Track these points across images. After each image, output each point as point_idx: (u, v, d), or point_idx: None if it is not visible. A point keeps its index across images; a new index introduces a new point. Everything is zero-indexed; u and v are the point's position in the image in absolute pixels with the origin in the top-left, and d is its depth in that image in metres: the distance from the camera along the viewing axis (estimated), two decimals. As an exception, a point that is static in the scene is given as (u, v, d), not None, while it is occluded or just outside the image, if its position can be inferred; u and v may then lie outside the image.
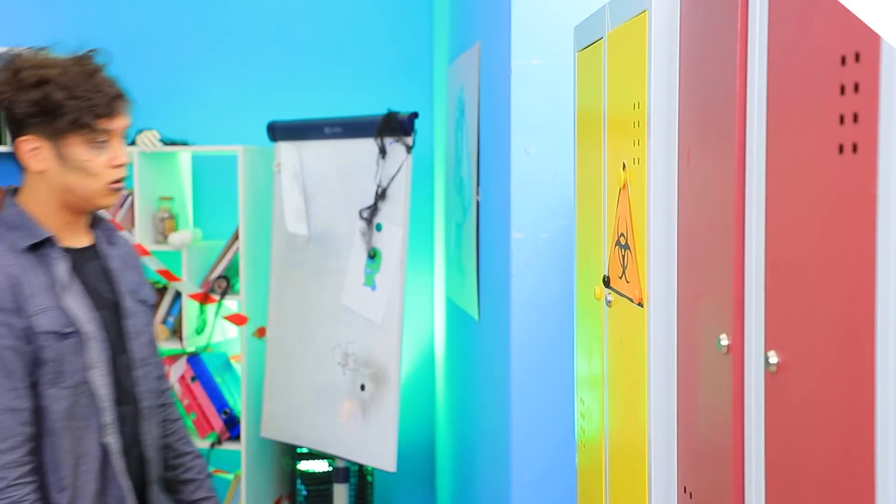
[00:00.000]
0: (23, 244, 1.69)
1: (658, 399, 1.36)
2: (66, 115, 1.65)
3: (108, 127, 1.70)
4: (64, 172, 1.70)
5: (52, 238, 1.72)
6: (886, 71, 0.76)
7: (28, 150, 1.71)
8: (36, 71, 1.68)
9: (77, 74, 1.68)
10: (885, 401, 0.77)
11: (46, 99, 1.66)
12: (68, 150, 1.69)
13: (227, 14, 4.13)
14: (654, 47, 1.35)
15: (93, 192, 1.72)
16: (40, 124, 1.68)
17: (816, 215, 0.88)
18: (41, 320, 1.66)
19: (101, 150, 1.70)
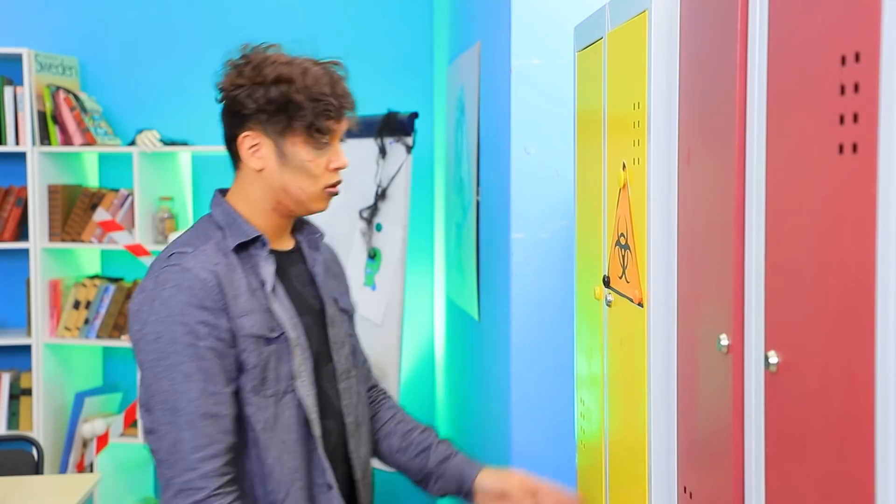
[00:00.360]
0: (232, 243, 1.64)
1: (658, 399, 1.36)
2: (302, 115, 1.62)
3: (333, 129, 1.66)
4: (283, 172, 1.66)
5: (261, 237, 1.67)
6: (886, 71, 0.76)
7: (249, 147, 1.67)
8: (277, 67, 1.64)
9: (317, 76, 1.64)
10: (885, 401, 0.77)
11: (285, 97, 1.62)
12: (291, 149, 1.65)
13: (228, 14, 4.13)
14: (654, 47, 1.35)
15: (309, 195, 1.67)
16: (268, 121, 1.64)
17: (816, 215, 0.88)
18: (246, 323, 1.59)
19: (323, 152, 1.66)
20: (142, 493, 4.02)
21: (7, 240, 3.85)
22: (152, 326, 1.57)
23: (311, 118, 1.63)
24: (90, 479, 2.90)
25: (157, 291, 1.58)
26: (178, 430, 1.54)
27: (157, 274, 1.60)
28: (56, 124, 3.81)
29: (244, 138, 1.67)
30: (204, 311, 1.57)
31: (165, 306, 1.56)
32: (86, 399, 3.87)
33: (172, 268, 1.59)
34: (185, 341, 1.55)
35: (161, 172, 3.88)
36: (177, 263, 1.60)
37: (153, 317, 1.57)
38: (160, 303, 1.57)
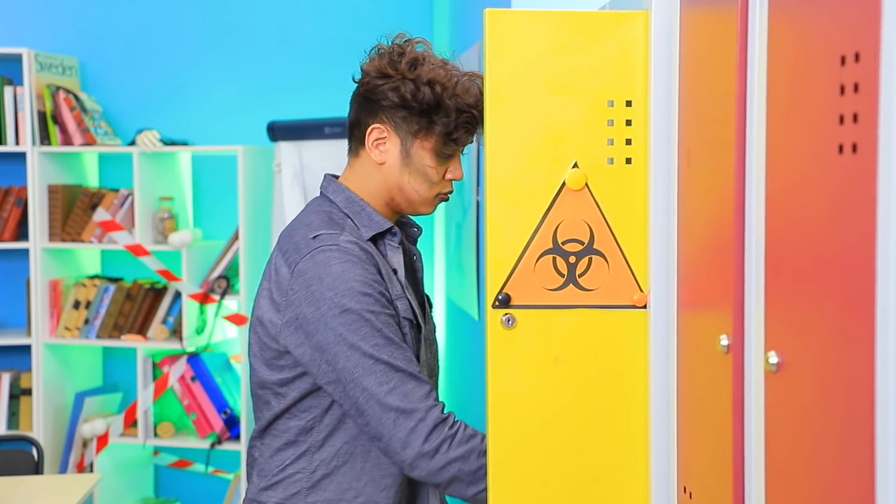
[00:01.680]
0: (366, 233, 1.65)
1: (658, 399, 1.36)
2: (446, 122, 1.62)
3: (465, 142, 1.66)
4: (403, 171, 1.66)
5: (393, 228, 1.68)
6: (886, 71, 0.76)
7: (373, 139, 1.67)
8: (434, 70, 1.64)
9: (467, 87, 1.64)
10: (885, 401, 0.77)
11: (437, 100, 1.62)
12: (419, 151, 1.64)
13: (228, 14, 4.13)
14: (654, 47, 1.35)
15: (422, 199, 1.68)
16: (405, 118, 1.63)
17: (816, 215, 0.88)
18: (401, 305, 1.62)
19: (445, 161, 1.67)
20: (142, 493, 4.02)
21: (7, 240, 3.85)
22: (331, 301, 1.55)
23: (452, 126, 1.63)
24: (90, 479, 2.90)
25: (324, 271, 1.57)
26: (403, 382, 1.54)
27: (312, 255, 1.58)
28: (56, 124, 3.82)
29: (373, 129, 1.67)
30: (378, 284, 1.59)
31: (341, 280, 1.55)
32: (86, 399, 3.87)
33: (330, 248, 1.58)
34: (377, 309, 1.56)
35: (161, 172, 3.89)
36: (333, 244, 1.59)
37: (330, 292, 1.55)
38: (332, 279, 1.56)
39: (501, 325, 1.39)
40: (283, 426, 1.67)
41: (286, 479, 1.66)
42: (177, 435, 3.86)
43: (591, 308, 1.40)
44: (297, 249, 1.61)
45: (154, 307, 3.89)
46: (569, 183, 1.38)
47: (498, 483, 1.40)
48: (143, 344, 3.80)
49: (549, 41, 1.37)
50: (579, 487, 1.40)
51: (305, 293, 1.57)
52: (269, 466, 1.69)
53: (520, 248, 1.39)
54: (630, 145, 1.38)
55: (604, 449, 1.40)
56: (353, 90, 1.72)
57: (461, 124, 1.64)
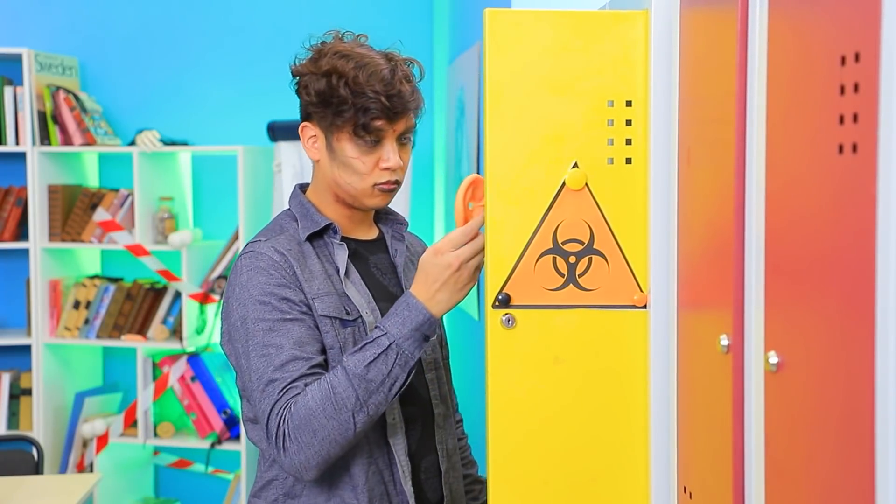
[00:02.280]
0: (304, 233, 1.66)
1: (658, 399, 1.36)
2: (345, 111, 1.60)
3: (381, 128, 1.62)
4: (333, 166, 1.66)
5: (332, 225, 1.68)
6: (886, 71, 0.76)
7: (307, 138, 1.69)
8: (332, 60, 1.62)
9: (374, 72, 1.61)
10: (885, 401, 0.77)
11: (330, 91, 1.61)
12: (338, 144, 1.64)
13: (227, 14, 4.13)
14: (654, 47, 1.35)
15: (358, 191, 1.66)
16: (320, 114, 1.64)
17: (816, 215, 0.88)
18: (320, 304, 1.61)
19: (371, 150, 1.63)
20: (142, 493, 4.02)
21: (7, 240, 3.85)
22: (237, 312, 1.60)
23: (354, 115, 1.60)
24: (90, 479, 2.90)
25: (236, 279, 1.62)
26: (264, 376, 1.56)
27: (235, 266, 1.65)
28: (56, 124, 3.82)
29: (303, 128, 1.69)
30: (283, 288, 1.59)
31: (245, 290, 1.59)
32: (86, 399, 3.87)
33: (247, 255, 1.63)
34: (272, 318, 1.57)
35: (161, 172, 3.89)
36: (251, 251, 1.64)
37: (236, 303, 1.60)
38: (240, 288, 1.60)
39: (501, 325, 1.39)
40: (252, 432, 1.69)
41: (267, 486, 1.68)
42: (177, 435, 3.86)
43: (591, 308, 1.40)
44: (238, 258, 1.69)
45: (154, 307, 3.89)
46: (569, 183, 1.38)
47: (498, 483, 1.40)
48: (143, 344, 3.80)
49: (549, 41, 1.37)
50: (579, 487, 1.40)
51: (225, 304, 1.66)
52: (259, 470, 1.72)
53: (520, 248, 1.39)
54: (630, 145, 1.38)
55: (604, 449, 1.40)
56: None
57: (368, 111, 1.60)
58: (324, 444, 1.52)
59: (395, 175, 1.66)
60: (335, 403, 1.51)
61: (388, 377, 1.52)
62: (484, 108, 1.39)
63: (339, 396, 1.51)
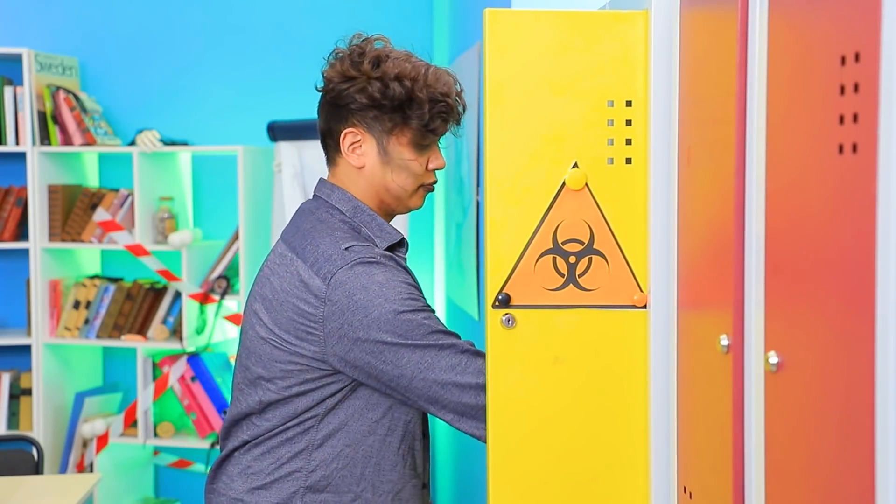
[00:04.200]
0: (384, 244, 1.65)
1: (658, 399, 1.36)
2: (420, 115, 1.61)
3: (443, 131, 1.65)
4: (385, 170, 1.65)
5: (404, 239, 1.69)
6: (886, 71, 0.76)
7: (348, 144, 1.66)
8: (399, 63, 1.62)
9: (437, 76, 1.63)
10: (885, 401, 0.77)
11: (408, 94, 1.60)
12: (396, 147, 1.64)
13: (227, 14, 4.13)
14: (654, 47, 1.35)
15: (407, 193, 1.67)
16: (377, 118, 1.63)
17: (816, 215, 0.88)
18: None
19: (423, 153, 1.66)
20: (142, 493, 4.02)
21: (7, 240, 3.85)
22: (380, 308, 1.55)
23: (427, 117, 1.62)
24: (90, 479, 2.90)
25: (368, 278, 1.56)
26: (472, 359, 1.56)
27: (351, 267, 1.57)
28: (56, 124, 3.82)
29: (346, 134, 1.66)
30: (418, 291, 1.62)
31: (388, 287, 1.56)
32: (86, 399, 3.87)
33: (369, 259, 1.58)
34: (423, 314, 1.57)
35: (161, 172, 3.89)
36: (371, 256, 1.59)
37: (379, 299, 1.55)
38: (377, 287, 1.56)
39: (501, 325, 1.39)
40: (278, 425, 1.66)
41: (282, 479, 1.64)
42: (177, 435, 3.86)
43: (591, 308, 1.40)
44: (329, 260, 1.59)
45: (154, 307, 3.89)
46: (569, 183, 1.38)
47: (498, 483, 1.40)
48: (143, 344, 3.80)
49: (549, 41, 1.37)
50: (579, 487, 1.40)
51: (349, 302, 1.56)
52: (262, 466, 1.66)
53: (520, 248, 1.39)
54: (630, 145, 1.38)
55: (604, 449, 1.40)
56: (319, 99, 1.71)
57: (436, 114, 1.63)
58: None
59: (436, 177, 1.71)
60: None
61: None
62: (484, 108, 1.39)
63: None
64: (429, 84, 1.62)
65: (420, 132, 1.63)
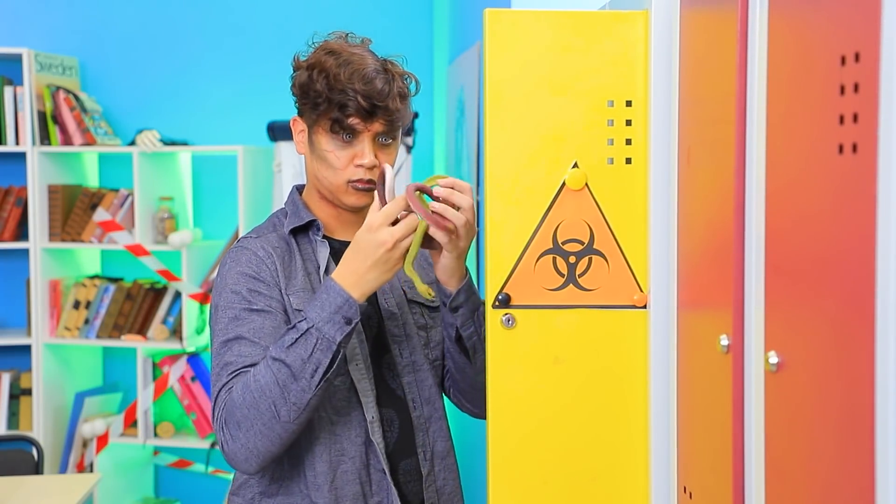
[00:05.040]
0: (288, 227, 1.69)
1: (658, 399, 1.36)
2: (321, 105, 1.63)
3: (356, 126, 1.64)
4: (312, 159, 1.69)
5: (315, 222, 1.70)
6: (886, 71, 0.76)
7: (297, 132, 1.72)
8: (318, 55, 1.66)
9: (357, 70, 1.62)
10: (885, 401, 0.77)
11: (310, 84, 1.64)
12: (316, 137, 1.67)
13: (227, 14, 4.13)
14: (654, 47, 1.35)
15: (334, 186, 1.67)
16: (304, 108, 1.68)
17: (816, 215, 0.88)
18: (295, 299, 1.63)
19: (347, 146, 1.65)
20: (142, 493, 4.02)
21: (7, 240, 3.85)
22: (213, 301, 1.65)
23: (328, 110, 1.63)
24: (90, 479, 2.90)
25: (220, 269, 1.68)
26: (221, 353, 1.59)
27: (224, 257, 1.69)
28: (56, 124, 3.82)
29: (294, 122, 1.73)
30: (256, 281, 1.62)
31: (223, 279, 1.65)
32: (86, 399, 3.87)
33: (235, 249, 1.68)
34: (239, 307, 1.60)
35: (161, 172, 3.89)
36: (238, 245, 1.69)
37: (214, 291, 1.66)
38: (220, 278, 1.66)
39: (501, 325, 1.39)
40: None
41: (245, 483, 1.67)
42: (177, 435, 3.86)
43: (591, 308, 1.40)
44: None
45: (154, 307, 3.89)
46: (569, 183, 1.38)
47: (498, 483, 1.40)
48: (143, 344, 3.80)
49: (549, 41, 1.37)
50: (579, 487, 1.40)
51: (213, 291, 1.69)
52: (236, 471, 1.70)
53: (520, 248, 1.39)
54: (630, 145, 1.38)
55: (604, 449, 1.40)
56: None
57: (341, 107, 1.61)
58: (249, 436, 1.51)
59: (368, 173, 1.65)
60: (254, 392, 1.50)
61: (308, 361, 1.50)
62: (484, 108, 1.39)
63: (259, 384, 1.50)
64: (338, 78, 1.61)
65: (331, 124, 1.64)
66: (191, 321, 3.78)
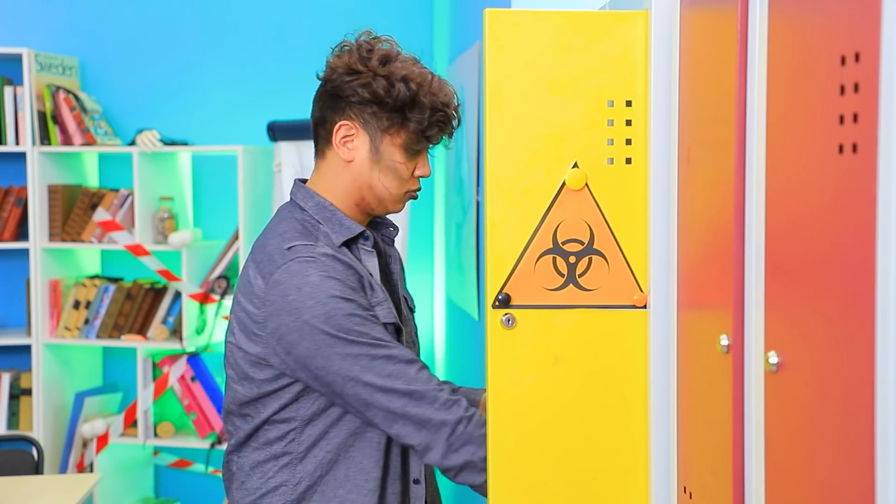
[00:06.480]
0: (338, 240, 1.63)
1: (658, 399, 1.36)
2: (420, 120, 1.61)
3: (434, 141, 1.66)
4: (373, 168, 1.64)
5: (365, 232, 1.67)
6: (886, 71, 0.76)
7: (341, 137, 1.65)
8: (408, 66, 1.64)
9: (440, 86, 1.65)
10: (885, 401, 0.77)
11: (411, 97, 1.61)
12: (388, 148, 1.63)
13: (227, 14, 4.13)
14: (654, 47, 1.35)
15: (392, 196, 1.66)
16: (375, 115, 1.62)
17: (816, 215, 0.88)
18: (380, 311, 1.61)
19: (413, 159, 1.66)
20: (142, 493, 4.02)
21: (7, 240, 3.85)
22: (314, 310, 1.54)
23: (426, 123, 1.62)
24: (90, 479, 2.90)
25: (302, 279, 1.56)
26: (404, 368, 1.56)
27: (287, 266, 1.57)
28: (56, 124, 3.82)
29: (341, 126, 1.65)
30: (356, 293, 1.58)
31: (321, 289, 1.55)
32: (86, 399, 3.87)
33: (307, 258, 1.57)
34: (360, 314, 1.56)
35: (161, 172, 3.89)
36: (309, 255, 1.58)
37: (311, 301, 1.54)
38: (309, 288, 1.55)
39: (501, 325, 1.39)
40: (262, 438, 1.66)
41: (270, 493, 1.64)
42: (177, 435, 3.86)
43: (591, 308, 1.40)
44: (271, 260, 1.60)
45: (154, 307, 3.89)
46: (569, 183, 1.38)
47: (498, 483, 1.40)
48: (143, 344, 3.80)
49: (549, 41, 1.37)
50: (579, 487, 1.40)
51: (283, 303, 1.56)
52: (251, 481, 1.67)
53: (520, 248, 1.39)
54: (630, 145, 1.38)
55: (604, 449, 1.40)
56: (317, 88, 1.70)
57: (435, 122, 1.63)
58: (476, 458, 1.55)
59: (420, 184, 1.70)
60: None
61: None
62: (484, 108, 1.39)
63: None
64: (433, 91, 1.62)
65: (415, 137, 1.63)
66: (191, 321, 3.78)
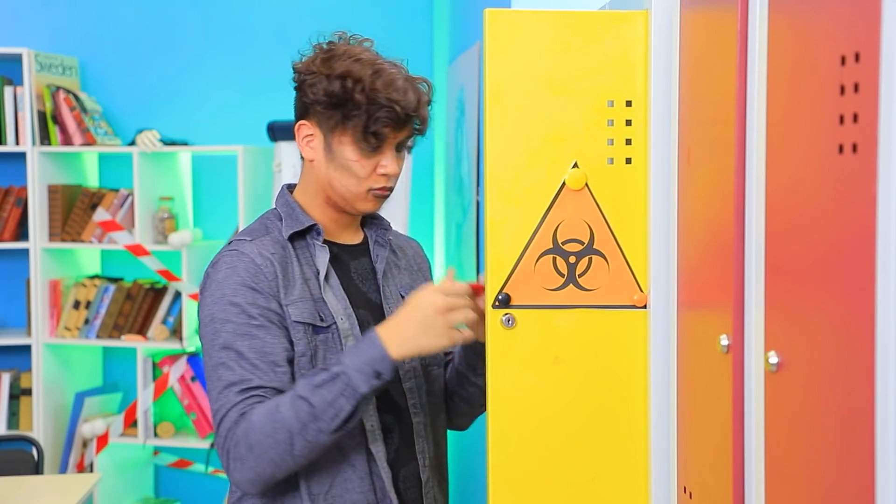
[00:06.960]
0: (287, 231, 1.66)
1: (658, 399, 1.36)
2: (356, 116, 1.60)
3: (386, 135, 1.63)
4: (329, 167, 1.65)
5: (316, 226, 1.68)
6: (886, 71, 0.76)
7: (303, 136, 1.68)
8: (347, 63, 1.62)
9: (390, 81, 1.61)
10: (885, 401, 0.77)
11: (344, 93, 1.60)
12: (338, 146, 1.64)
13: (227, 14, 4.13)
14: (654, 47, 1.35)
15: (353, 195, 1.65)
16: (323, 114, 1.64)
17: (816, 215, 0.88)
18: (294, 310, 1.60)
19: (372, 155, 1.64)
20: (142, 493, 4.02)
21: (7, 240, 3.85)
22: (207, 309, 1.61)
23: (365, 121, 1.61)
24: (90, 479, 2.90)
25: (213, 274, 1.63)
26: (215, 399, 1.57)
27: (215, 260, 1.64)
28: (56, 124, 3.82)
29: (300, 126, 1.69)
30: (255, 293, 1.59)
31: (219, 287, 1.60)
32: (86, 399, 3.87)
33: (230, 252, 1.63)
34: (239, 321, 1.57)
35: (161, 172, 3.89)
36: (235, 249, 1.64)
37: (208, 299, 1.61)
38: (215, 285, 1.61)
39: (501, 325, 1.39)
40: None
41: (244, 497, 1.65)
42: (177, 435, 3.86)
43: (591, 308, 1.40)
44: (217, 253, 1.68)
45: (154, 307, 3.89)
46: (569, 183, 1.38)
47: (498, 483, 1.40)
48: (143, 344, 3.80)
49: (549, 41, 1.37)
50: (579, 487, 1.40)
51: (200, 296, 1.66)
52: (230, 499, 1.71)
53: (520, 248, 1.39)
54: (630, 145, 1.38)
55: (604, 449, 1.40)
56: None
57: (379, 119, 1.60)
58: (260, 461, 1.51)
59: (390, 181, 1.67)
60: (274, 422, 1.50)
61: (331, 405, 1.49)
62: (484, 108, 1.39)
63: (281, 416, 1.50)
64: (375, 88, 1.60)
65: (361, 134, 1.61)
66: (191, 321, 3.78)
